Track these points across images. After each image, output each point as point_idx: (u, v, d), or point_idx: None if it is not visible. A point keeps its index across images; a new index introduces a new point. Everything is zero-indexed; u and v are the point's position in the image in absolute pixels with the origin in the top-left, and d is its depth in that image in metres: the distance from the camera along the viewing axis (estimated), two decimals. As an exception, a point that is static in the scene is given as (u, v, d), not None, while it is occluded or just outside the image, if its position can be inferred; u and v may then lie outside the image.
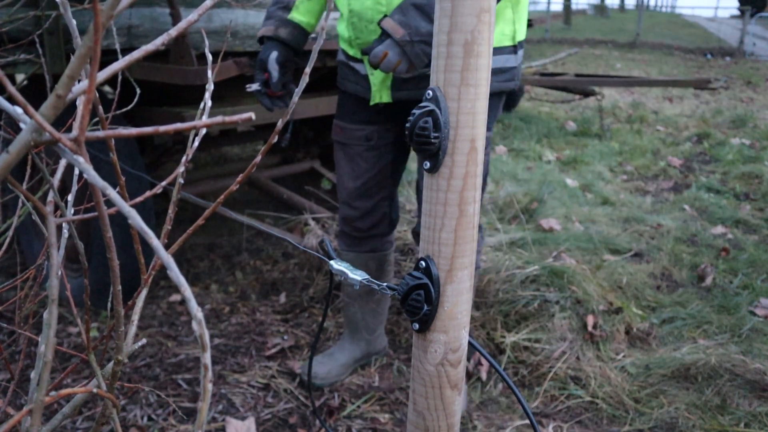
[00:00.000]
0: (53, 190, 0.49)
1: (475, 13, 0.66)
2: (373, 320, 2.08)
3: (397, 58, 1.47)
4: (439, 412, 0.82)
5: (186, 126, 0.36)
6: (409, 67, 1.50)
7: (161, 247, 0.33)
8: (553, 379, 2.07)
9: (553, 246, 2.90)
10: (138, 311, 0.63)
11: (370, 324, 2.08)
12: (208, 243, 3.18)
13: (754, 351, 2.16)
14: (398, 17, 1.47)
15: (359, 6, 1.60)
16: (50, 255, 0.36)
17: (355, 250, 1.97)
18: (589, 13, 30.17)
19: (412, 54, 1.46)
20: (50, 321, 0.37)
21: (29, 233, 2.70)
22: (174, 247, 0.56)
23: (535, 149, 5.15)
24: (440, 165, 0.73)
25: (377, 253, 1.98)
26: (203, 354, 0.32)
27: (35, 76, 2.14)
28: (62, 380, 0.68)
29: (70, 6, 0.48)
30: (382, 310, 2.09)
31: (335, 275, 1.09)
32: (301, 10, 1.78)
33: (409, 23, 1.44)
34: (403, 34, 1.45)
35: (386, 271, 2.04)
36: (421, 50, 1.47)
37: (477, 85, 0.69)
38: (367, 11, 1.59)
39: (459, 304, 0.77)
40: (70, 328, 2.38)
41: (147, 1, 2.31)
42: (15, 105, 0.35)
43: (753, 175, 4.49)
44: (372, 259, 1.98)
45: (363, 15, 1.60)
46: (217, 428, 1.83)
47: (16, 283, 0.94)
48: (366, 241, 1.96)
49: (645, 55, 15.42)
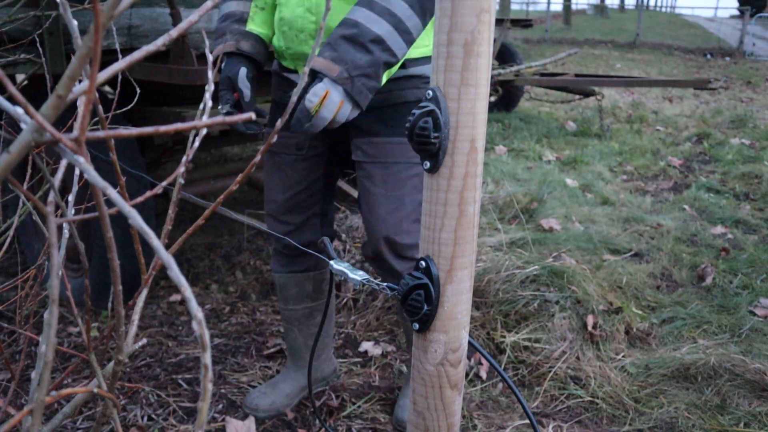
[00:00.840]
0: (54, 190, 0.50)
1: (475, 13, 0.66)
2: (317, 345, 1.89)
3: (340, 99, 1.32)
4: (439, 412, 0.82)
5: (186, 126, 0.36)
6: (354, 106, 1.34)
7: (161, 247, 0.33)
8: (553, 379, 2.07)
9: (553, 246, 2.90)
10: (138, 311, 0.63)
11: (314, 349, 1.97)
12: (208, 243, 3.18)
13: (754, 351, 2.17)
14: (329, 53, 1.32)
15: (289, 14, 1.49)
16: (51, 255, 0.36)
17: (289, 270, 1.84)
18: (589, 13, 30.16)
19: (354, 92, 1.32)
20: (51, 321, 0.37)
21: (29, 233, 2.70)
22: (174, 247, 0.56)
23: (535, 149, 5.15)
24: (440, 165, 0.73)
25: (313, 272, 1.84)
26: (203, 354, 0.32)
27: (35, 76, 2.14)
28: (63, 380, 0.68)
29: (70, 6, 0.48)
30: (326, 333, 1.95)
31: (335, 275, 1.09)
32: (258, 21, 1.61)
33: (343, 58, 1.31)
34: (340, 71, 1.30)
35: (325, 291, 1.89)
36: (363, 85, 1.32)
37: (477, 85, 0.69)
38: (297, 19, 1.47)
39: (459, 304, 0.77)
40: (71, 327, 2.38)
41: (147, 1, 2.31)
42: (16, 105, 0.35)
43: (753, 175, 4.49)
44: (308, 279, 1.84)
45: (293, 23, 1.48)
46: (217, 428, 1.83)
47: (16, 283, 0.94)
48: (300, 260, 1.81)
49: (645, 55, 15.42)
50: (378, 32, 1.31)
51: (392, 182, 1.53)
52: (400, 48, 1.34)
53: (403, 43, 1.34)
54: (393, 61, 1.34)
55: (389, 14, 1.32)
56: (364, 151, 1.54)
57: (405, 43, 1.35)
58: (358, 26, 1.32)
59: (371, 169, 1.54)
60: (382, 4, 1.33)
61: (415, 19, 1.34)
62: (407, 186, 1.53)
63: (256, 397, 1.89)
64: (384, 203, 1.53)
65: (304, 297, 1.86)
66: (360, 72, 1.31)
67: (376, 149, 1.53)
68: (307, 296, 1.86)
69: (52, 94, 0.34)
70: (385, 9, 1.32)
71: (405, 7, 1.33)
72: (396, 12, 1.32)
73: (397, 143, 1.50)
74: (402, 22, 1.33)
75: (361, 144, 1.55)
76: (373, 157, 1.53)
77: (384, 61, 1.33)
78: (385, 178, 1.52)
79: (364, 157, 1.55)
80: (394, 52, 1.34)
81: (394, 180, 1.52)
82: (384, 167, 1.52)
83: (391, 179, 1.52)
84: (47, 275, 1.27)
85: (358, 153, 1.56)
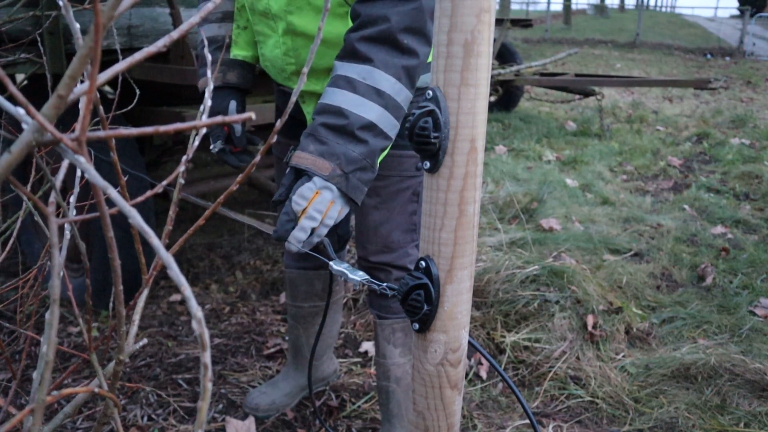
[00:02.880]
0: (55, 190, 0.50)
1: (475, 13, 0.66)
2: (319, 344, 1.89)
3: (330, 199, 1.14)
4: (439, 412, 0.82)
5: (186, 126, 0.36)
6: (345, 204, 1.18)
7: (162, 247, 0.33)
8: (553, 379, 2.07)
9: (553, 246, 2.90)
10: (139, 311, 0.63)
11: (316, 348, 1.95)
12: (208, 243, 3.19)
13: (754, 351, 2.17)
14: (315, 147, 1.15)
15: (269, 53, 1.40)
16: (52, 255, 0.36)
17: (300, 266, 1.82)
18: (589, 13, 30.16)
19: (350, 189, 1.15)
20: (52, 321, 0.37)
21: (29, 232, 2.70)
22: (175, 247, 0.56)
23: (535, 149, 5.15)
24: (440, 165, 0.72)
25: (323, 271, 1.81)
26: (203, 353, 0.32)
27: (35, 75, 2.14)
28: (63, 380, 0.68)
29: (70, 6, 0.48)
30: (328, 333, 1.93)
31: (335, 276, 1.09)
32: (241, 43, 1.51)
33: (334, 152, 1.13)
34: (333, 168, 1.13)
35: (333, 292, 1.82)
36: (359, 180, 1.16)
37: (477, 84, 0.69)
38: (277, 60, 1.39)
39: (459, 304, 0.77)
40: (71, 327, 2.39)
41: (147, 1, 2.32)
42: (17, 105, 0.35)
43: (753, 175, 4.49)
44: (318, 277, 1.82)
45: (274, 62, 1.40)
46: (217, 428, 1.83)
47: (17, 283, 0.94)
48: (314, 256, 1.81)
49: (645, 55, 15.42)
50: (368, 117, 1.14)
51: (384, 194, 1.48)
52: (393, 128, 1.20)
53: (395, 122, 1.20)
54: (387, 144, 1.20)
55: (376, 93, 1.15)
56: None
57: (398, 119, 1.20)
58: (344, 113, 1.14)
59: None
60: (366, 83, 1.15)
61: (405, 92, 1.18)
62: (399, 198, 1.49)
63: (256, 396, 1.89)
64: (375, 215, 1.50)
65: (312, 295, 1.86)
66: (355, 167, 1.15)
67: None
68: (315, 295, 1.86)
69: (53, 94, 0.34)
70: (370, 88, 1.15)
71: (392, 81, 1.16)
72: (384, 89, 1.15)
73: (390, 156, 1.44)
74: (392, 98, 1.16)
75: None
76: None
77: (380, 148, 1.18)
78: (377, 190, 1.48)
79: None
80: (387, 135, 1.19)
81: (386, 192, 1.48)
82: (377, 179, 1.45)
83: (383, 191, 1.48)
84: (48, 275, 1.26)
85: None
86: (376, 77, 1.15)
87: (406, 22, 1.14)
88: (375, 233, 1.51)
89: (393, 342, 1.61)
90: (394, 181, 1.48)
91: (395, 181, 1.48)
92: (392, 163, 1.45)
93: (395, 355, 1.62)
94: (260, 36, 1.42)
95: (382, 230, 1.50)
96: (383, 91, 1.15)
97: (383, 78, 1.15)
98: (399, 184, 1.48)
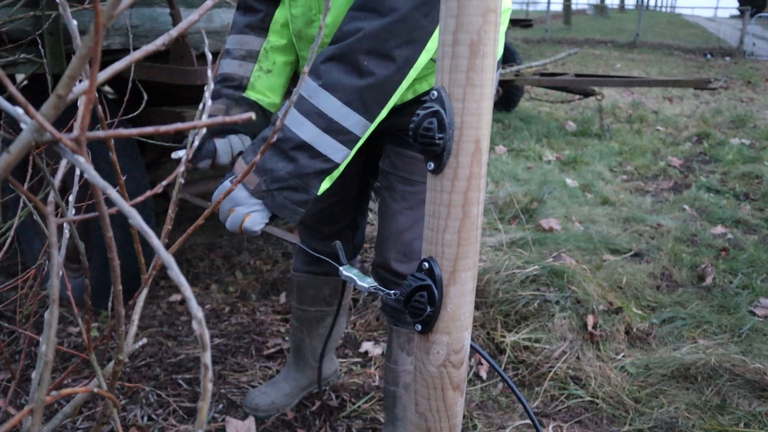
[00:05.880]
0: (54, 190, 0.49)
1: (481, 13, 0.66)
2: (321, 347, 1.88)
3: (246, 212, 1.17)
4: (441, 414, 0.82)
5: (186, 126, 0.36)
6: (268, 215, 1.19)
7: (162, 247, 0.32)
8: (553, 379, 2.07)
9: (553, 246, 2.90)
10: (138, 311, 0.62)
11: (318, 351, 1.91)
12: (208, 243, 3.18)
13: (754, 351, 2.16)
14: (251, 157, 1.18)
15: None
16: (51, 255, 0.36)
17: (311, 270, 1.81)
18: (589, 13, 30.17)
19: (275, 207, 1.17)
20: (51, 321, 0.37)
21: (29, 232, 2.70)
22: (174, 246, 0.56)
23: (535, 149, 5.15)
24: (444, 166, 0.72)
25: (332, 277, 1.80)
26: (203, 353, 0.32)
27: (35, 76, 2.13)
28: (63, 380, 0.68)
29: (69, 6, 0.48)
30: (336, 335, 1.93)
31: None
32: (260, 88, 1.43)
33: (264, 167, 1.15)
34: (258, 183, 1.15)
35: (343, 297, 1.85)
36: (286, 198, 1.16)
37: (482, 85, 0.69)
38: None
39: (462, 306, 0.77)
40: (71, 327, 2.38)
41: (147, 1, 2.31)
42: (16, 105, 0.35)
43: (753, 175, 4.49)
44: (327, 283, 1.82)
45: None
46: (217, 428, 1.83)
47: (16, 283, 0.94)
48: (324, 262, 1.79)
49: (645, 55, 15.42)
50: (302, 137, 1.13)
51: (412, 201, 1.45)
52: (336, 151, 1.16)
53: (339, 146, 1.16)
54: (328, 167, 1.17)
55: (317, 114, 1.13)
56: (392, 161, 1.46)
57: (343, 144, 1.16)
58: (283, 129, 1.13)
59: (394, 183, 1.47)
60: (311, 102, 1.13)
61: (354, 117, 1.14)
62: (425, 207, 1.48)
63: (256, 396, 1.89)
64: (400, 220, 1.47)
65: (319, 300, 1.85)
66: (280, 185, 1.15)
67: (402, 162, 1.45)
68: (322, 300, 1.85)
69: (52, 94, 0.34)
70: (312, 108, 1.13)
71: (338, 105, 1.13)
72: (326, 112, 1.13)
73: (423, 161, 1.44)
74: (334, 122, 1.13)
75: (390, 152, 1.47)
76: (397, 170, 1.45)
77: (315, 170, 1.16)
78: (405, 195, 1.45)
79: (389, 167, 1.47)
80: (327, 158, 1.16)
81: (414, 199, 1.45)
82: (406, 183, 1.45)
83: (412, 198, 1.45)
84: (47, 275, 1.26)
85: (386, 161, 1.48)
86: (321, 98, 1.13)
87: (371, 43, 1.11)
88: (398, 239, 1.47)
89: (407, 350, 1.60)
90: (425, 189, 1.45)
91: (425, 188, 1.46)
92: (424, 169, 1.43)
93: (408, 362, 1.62)
94: (305, 62, 1.38)
95: (405, 237, 1.47)
96: (325, 113, 1.13)
97: (329, 100, 1.13)
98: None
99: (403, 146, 1.43)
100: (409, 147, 1.42)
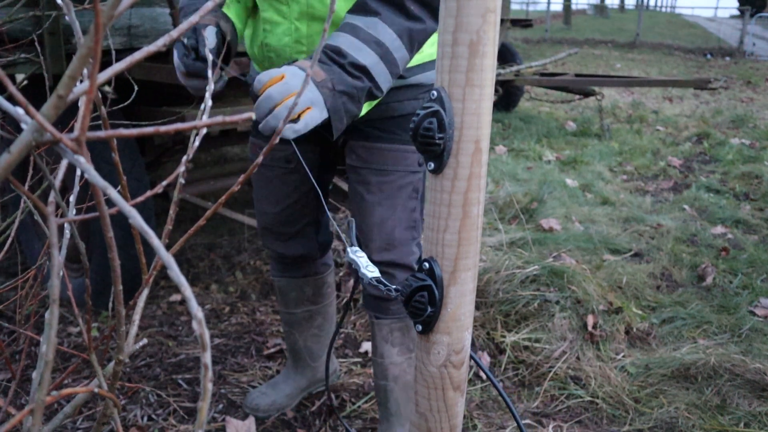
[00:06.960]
0: (54, 189, 0.49)
1: (481, 13, 0.66)
2: (316, 346, 1.92)
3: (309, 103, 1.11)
4: (442, 414, 0.82)
5: (186, 126, 0.36)
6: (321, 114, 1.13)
7: (162, 247, 0.32)
8: (553, 379, 2.07)
9: (553, 246, 2.89)
10: (139, 311, 0.62)
11: (314, 350, 1.93)
12: (208, 243, 3.18)
13: (754, 351, 2.16)
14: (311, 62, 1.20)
15: (276, 42, 1.35)
16: (52, 255, 0.36)
17: (288, 275, 1.82)
18: (589, 13, 30.16)
19: (332, 108, 1.14)
20: (51, 321, 0.37)
21: (29, 232, 2.69)
22: (175, 247, 0.56)
23: (535, 149, 5.15)
24: (444, 166, 0.72)
25: (312, 277, 1.83)
26: (203, 354, 0.32)
27: (35, 76, 2.13)
28: (63, 380, 0.68)
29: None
30: (325, 334, 1.95)
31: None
32: (233, 11, 1.43)
33: (332, 70, 1.15)
34: (325, 78, 1.14)
35: (325, 295, 1.89)
36: (343, 105, 1.15)
37: (482, 85, 0.69)
38: (285, 48, 1.34)
39: (462, 306, 0.77)
40: (71, 327, 2.38)
41: (147, 1, 2.31)
42: (16, 105, 0.35)
43: (753, 175, 4.49)
44: (307, 284, 1.84)
45: (281, 52, 1.35)
46: (217, 428, 1.83)
47: (16, 283, 0.94)
48: (297, 266, 1.80)
49: (645, 55, 15.42)
50: (363, 61, 1.17)
51: (388, 190, 1.47)
52: (385, 81, 1.21)
53: (388, 76, 1.22)
54: (376, 93, 1.21)
55: (376, 43, 1.18)
56: (359, 155, 1.48)
57: (390, 76, 1.22)
58: (342, 53, 1.16)
59: (367, 175, 1.48)
60: (368, 31, 1.19)
61: (402, 51, 1.22)
62: (402, 194, 1.48)
63: (256, 397, 1.89)
64: (380, 210, 1.48)
65: (303, 300, 1.86)
66: (345, 89, 1.15)
67: (371, 154, 1.46)
68: (306, 299, 1.86)
69: (52, 94, 0.34)
70: (371, 37, 1.18)
71: (393, 37, 1.19)
72: (383, 41, 1.19)
73: (395, 150, 1.44)
74: (390, 52, 1.19)
75: (356, 147, 1.48)
76: (368, 163, 1.47)
77: (370, 91, 1.20)
78: (381, 186, 1.46)
79: (358, 162, 1.48)
80: (378, 85, 1.20)
81: (390, 188, 1.46)
82: (380, 174, 1.46)
83: (387, 187, 1.46)
84: (48, 275, 1.26)
85: (352, 156, 1.49)
86: (379, 29, 1.19)
87: None
88: (379, 229, 1.49)
89: (391, 341, 1.61)
90: (399, 176, 1.47)
91: (399, 176, 1.47)
92: (398, 158, 1.45)
93: (393, 354, 1.62)
94: (267, 24, 1.36)
95: (386, 226, 1.49)
96: (383, 42, 1.19)
97: (386, 31, 1.19)
98: (402, 179, 1.47)
99: (369, 140, 1.46)
100: (376, 139, 1.45)
